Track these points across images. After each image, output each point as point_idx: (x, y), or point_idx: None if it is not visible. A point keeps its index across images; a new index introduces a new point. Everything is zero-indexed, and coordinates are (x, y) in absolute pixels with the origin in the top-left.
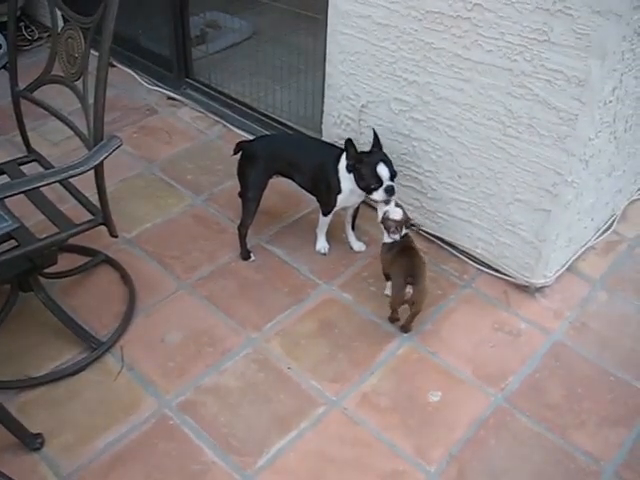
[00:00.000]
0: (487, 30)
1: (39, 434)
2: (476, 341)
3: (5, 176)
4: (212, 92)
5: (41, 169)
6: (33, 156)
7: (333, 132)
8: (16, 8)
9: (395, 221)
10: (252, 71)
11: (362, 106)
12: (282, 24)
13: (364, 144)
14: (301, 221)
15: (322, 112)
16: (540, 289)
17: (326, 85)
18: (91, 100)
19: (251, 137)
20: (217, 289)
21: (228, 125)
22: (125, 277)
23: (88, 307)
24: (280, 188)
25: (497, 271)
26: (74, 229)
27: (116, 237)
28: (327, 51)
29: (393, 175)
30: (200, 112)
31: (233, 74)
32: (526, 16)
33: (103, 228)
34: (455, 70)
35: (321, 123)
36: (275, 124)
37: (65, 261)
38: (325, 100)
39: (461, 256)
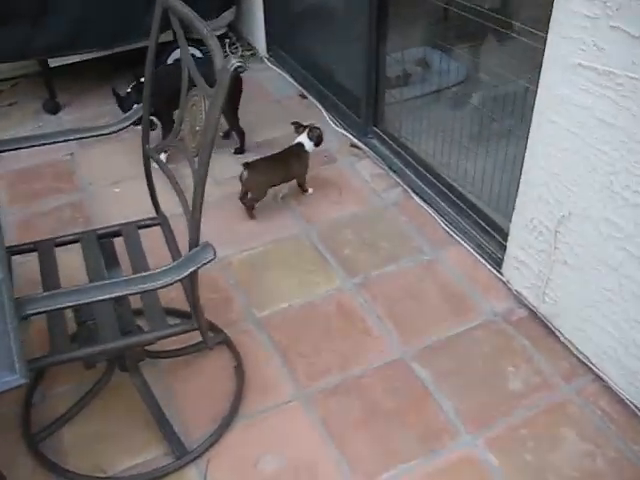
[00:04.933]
0: None
1: None
2: None
3: (121, 238)
4: (398, 148)
5: (162, 236)
6: (159, 219)
7: (522, 236)
8: None
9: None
10: (447, 127)
11: (562, 216)
12: (499, 72)
13: (555, 262)
14: (462, 338)
15: (513, 209)
16: None
17: (522, 178)
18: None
19: (428, 208)
20: (337, 410)
21: (408, 190)
22: (238, 368)
23: (188, 397)
24: (446, 285)
25: None
26: (165, 331)
27: (211, 349)
28: (529, 138)
29: None
30: (381, 169)
31: (427, 128)
32: None
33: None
34: None
35: (510, 221)
36: (458, 200)
37: None
38: (518, 196)
39: None
